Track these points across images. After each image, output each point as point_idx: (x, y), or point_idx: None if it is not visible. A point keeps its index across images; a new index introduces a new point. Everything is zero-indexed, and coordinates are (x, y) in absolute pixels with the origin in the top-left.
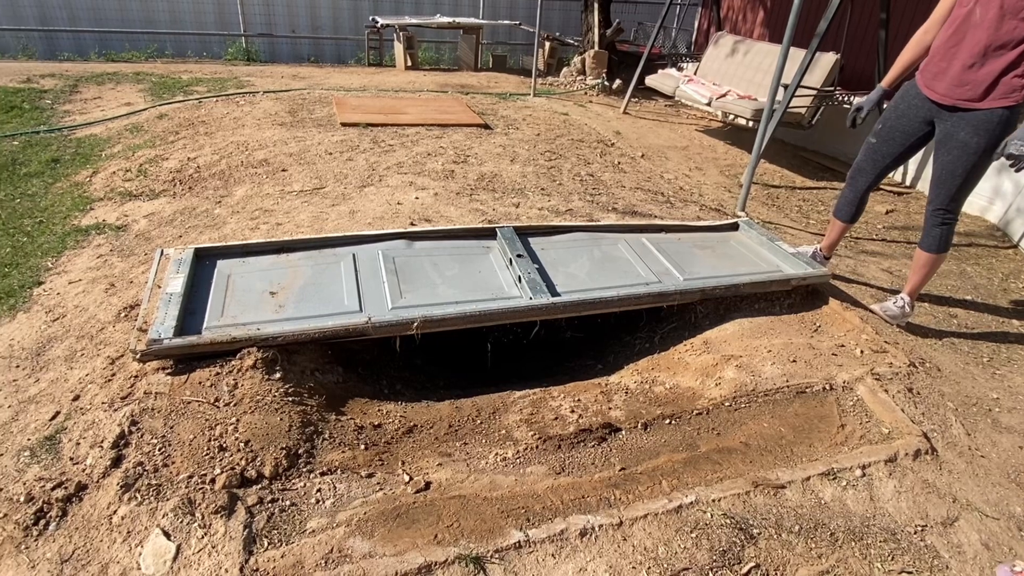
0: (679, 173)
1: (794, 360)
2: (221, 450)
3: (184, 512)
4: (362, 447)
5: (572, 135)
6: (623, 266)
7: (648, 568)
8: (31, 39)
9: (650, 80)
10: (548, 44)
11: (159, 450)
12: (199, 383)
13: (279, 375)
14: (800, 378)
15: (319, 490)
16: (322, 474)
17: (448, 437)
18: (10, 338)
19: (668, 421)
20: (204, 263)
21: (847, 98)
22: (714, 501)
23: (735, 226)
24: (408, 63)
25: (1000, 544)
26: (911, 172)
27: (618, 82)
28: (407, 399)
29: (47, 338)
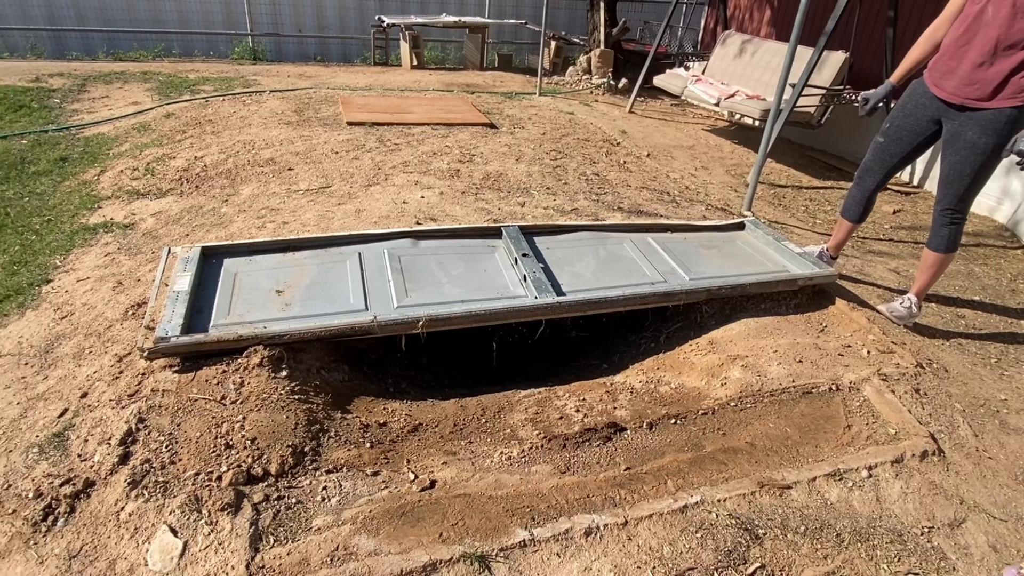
0: (685, 172)
1: (800, 360)
2: (228, 448)
3: (191, 509)
4: (368, 445)
5: (578, 134)
6: (628, 265)
7: (653, 568)
8: (39, 38)
9: (658, 80)
10: (554, 43)
11: (166, 447)
12: (206, 381)
13: (285, 373)
14: (806, 378)
15: (325, 488)
16: (328, 472)
17: (453, 436)
18: (19, 335)
19: (673, 421)
20: (211, 261)
21: (856, 97)
22: (719, 501)
23: (741, 226)
24: (414, 62)
25: (1008, 546)
26: (919, 172)
27: (624, 81)
28: (412, 398)
29: (55, 335)
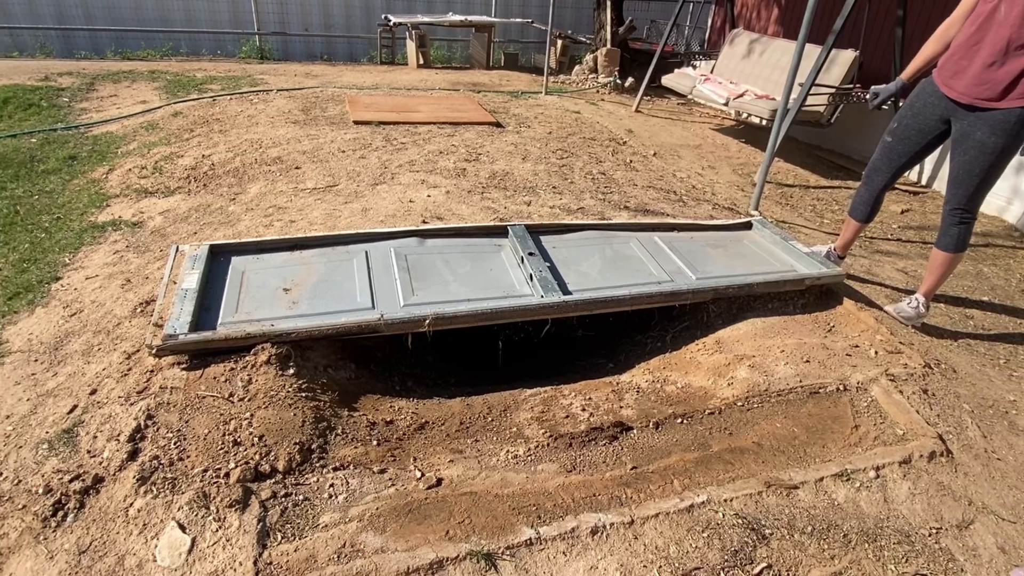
0: (692, 172)
1: (807, 360)
2: (235, 444)
3: (199, 505)
4: (374, 443)
5: (584, 133)
6: (635, 265)
7: (659, 567)
8: (48, 37)
9: (666, 80)
10: (560, 42)
11: (174, 444)
12: (214, 378)
13: (292, 371)
14: (814, 378)
15: (332, 485)
16: (335, 469)
17: (459, 434)
18: (29, 332)
19: (680, 420)
20: (219, 259)
21: (865, 96)
22: (726, 501)
23: (748, 225)
24: (420, 61)
25: (1016, 548)
26: (927, 171)
27: (630, 80)
28: (419, 396)
29: (65, 333)
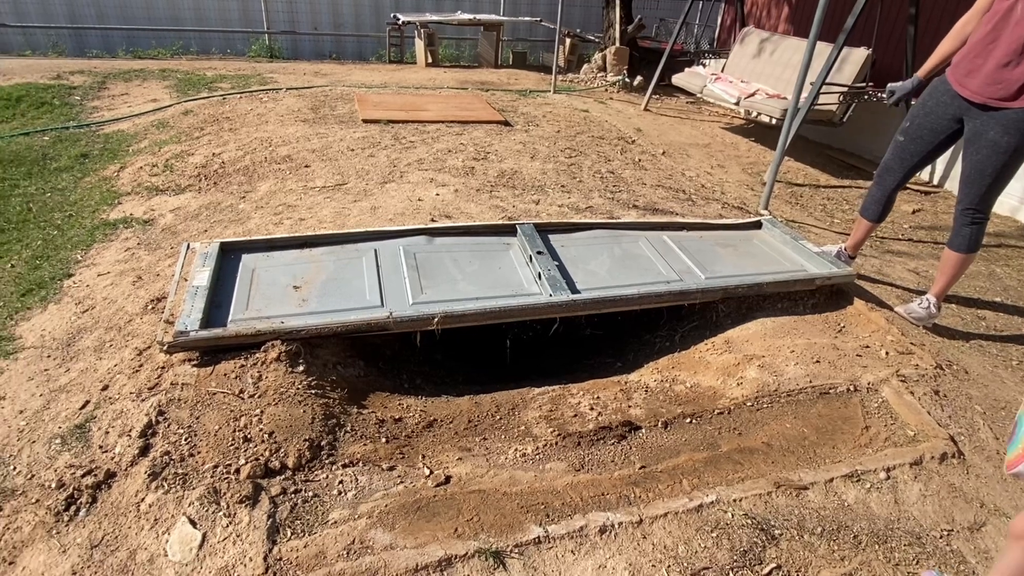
0: (701, 171)
1: (818, 360)
2: (246, 441)
3: (210, 501)
4: (383, 440)
5: (592, 132)
6: (644, 264)
7: (668, 567)
8: (61, 36)
9: (677, 79)
10: (569, 41)
11: (185, 440)
12: (224, 375)
13: (302, 368)
14: (824, 379)
15: (341, 482)
16: (344, 466)
17: (468, 432)
18: (42, 329)
19: (689, 420)
20: (229, 257)
21: (878, 94)
22: (735, 501)
23: (758, 224)
24: (429, 60)
25: None
26: (939, 171)
27: (639, 79)
28: (427, 394)
29: (77, 329)
